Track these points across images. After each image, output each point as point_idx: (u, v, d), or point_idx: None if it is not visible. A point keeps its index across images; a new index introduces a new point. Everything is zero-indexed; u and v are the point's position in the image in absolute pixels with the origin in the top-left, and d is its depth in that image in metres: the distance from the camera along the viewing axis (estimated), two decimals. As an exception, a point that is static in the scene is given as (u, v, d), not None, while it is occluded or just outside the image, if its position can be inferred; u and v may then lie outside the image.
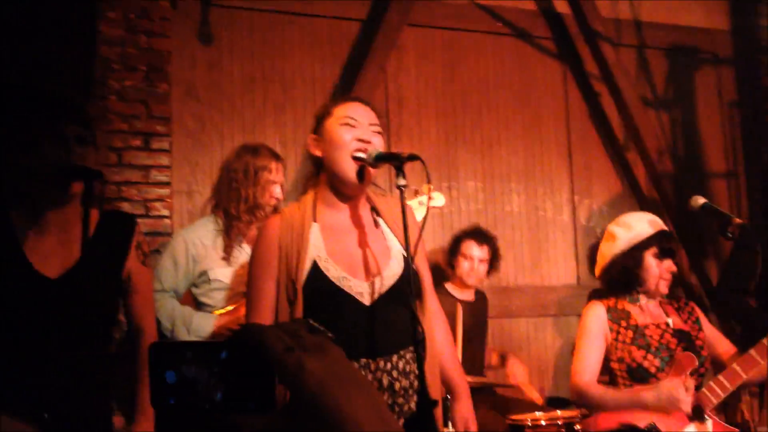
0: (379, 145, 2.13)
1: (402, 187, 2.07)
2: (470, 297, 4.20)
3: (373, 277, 2.10)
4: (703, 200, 2.82)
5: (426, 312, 2.21)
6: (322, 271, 2.05)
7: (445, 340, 2.33)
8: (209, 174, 4.04)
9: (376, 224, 2.22)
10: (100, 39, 3.90)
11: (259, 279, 2.10)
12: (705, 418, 2.77)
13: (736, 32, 5.51)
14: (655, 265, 2.91)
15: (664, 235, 2.97)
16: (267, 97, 4.39)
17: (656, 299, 2.99)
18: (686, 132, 5.24)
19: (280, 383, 0.73)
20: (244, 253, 3.07)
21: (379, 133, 2.16)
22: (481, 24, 4.90)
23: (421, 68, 4.76)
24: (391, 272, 2.12)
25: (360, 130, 2.12)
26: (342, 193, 2.17)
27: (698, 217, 2.93)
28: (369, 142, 2.10)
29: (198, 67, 4.26)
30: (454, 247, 4.18)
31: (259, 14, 4.42)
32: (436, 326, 2.27)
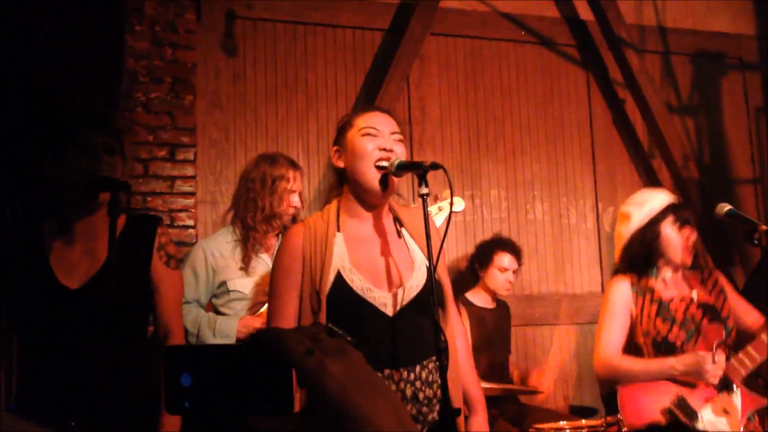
0: (401, 154, 2.13)
1: (425, 195, 2.08)
2: (491, 305, 4.20)
3: (397, 287, 2.11)
4: (729, 207, 2.79)
5: (448, 322, 2.21)
6: (347, 282, 2.06)
7: (464, 352, 2.32)
8: (233, 184, 4.07)
9: (399, 234, 2.22)
10: (127, 52, 3.96)
11: (282, 288, 2.11)
12: (734, 389, 2.76)
13: (763, 37, 5.45)
14: (675, 235, 2.91)
15: (678, 206, 2.99)
16: (290, 108, 4.42)
17: (679, 272, 2.96)
18: (712, 138, 5.20)
19: (300, 386, 0.73)
20: (262, 263, 3.09)
21: (401, 141, 2.17)
22: (503, 32, 4.90)
23: (444, 77, 4.77)
24: (415, 282, 2.13)
25: (382, 140, 2.12)
26: (366, 203, 2.17)
27: (724, 224, 2.91)
28: (391, 150, 2.11)
29: (222, 78, 4.31)
30: (486, 258, 4.16)
31: (283, 25, 4.47)
32: (457, 337, 2.27)
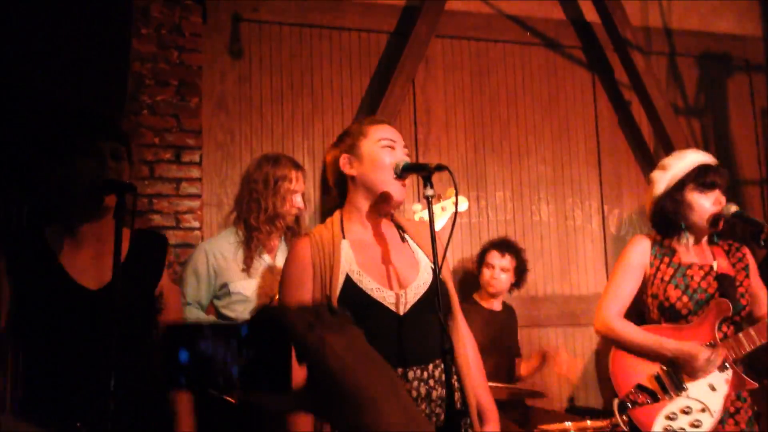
0: None
1: (430, 197, 2.11)
2: (496, 307, 4.20)
3: (404, 287, 2.14)
4: (735, 208, 2.78)
5: (455, 327, 2.23)
6: (356, 284, 2.09)
7: (474, 361, 2.33)
8: (239, 186, 4.09)
9: (403, 239, 2.27)
10: (133, 55, 3.98)
11: (293, 299, 2.13)
12: (726, 367, 2.75)
13: (769, 38, 5.44)
14: (699, 200, 2.81)
15: (702, 169, 2.84)
16: (296, 110, 4.43)
17: (704, 238, 2.88)
18: (718, 139, 5.18)
19: (300, 362, 0.73)
20: (264, 264, 3.09)
21: (408, 156, 2.25)
22: (509, 34, 4.90)
23: (450, 79, 4.77)
24: (421, 282, 2.16)
25: (398, 153, 2.20)
26: (375, 211, 2.22)
27: (731, 225, 2.87)
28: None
29: (228, 81, 4.32)
30: (480, 258, 4.22)
31: (289, 28, 4.48)
32: (464, 344, 2.29)
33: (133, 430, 2.17)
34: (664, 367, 2.74)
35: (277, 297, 2.40)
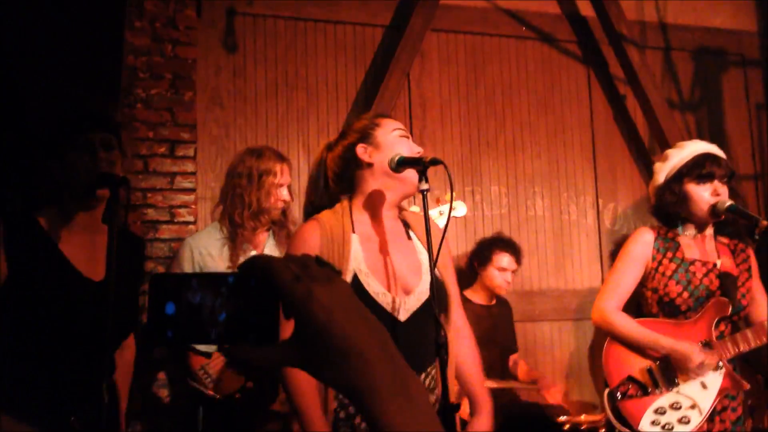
0: None
1: (425, 191, 2.10)
2: (490, 302, 4.20)
3: (407, 293, 2.14)
4: (730, 202, 2.77)
5: (450, 324, 2.23)
6: (363, 285, 2.08)
7: (471, 356, 2.33)
8: (224, 180, 4.07)
9: (408, 236, 2.26)
10: (127, 48, 3.95)
11: None
12: (720, 366, 2.74)
13: (764, 33, 5.43)
14: (696, 191, 2.76)
15: (700, 159, 2.78)
16: (291, 104, 4.41)
17: (707, 232, 2.83)
18: (713, 134, 5.18)
19: (287, 316, 0.72)
20: None
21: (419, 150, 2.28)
22: (504, 28, 4.89)
23: (445, 73, 4.76)
24: (424, 287, 2.15)
25: (412, 143, 2.25)
26: (388, 200, 2.20)
27: (726, 220, 2.84)
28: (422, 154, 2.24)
29: (223, 75, 4.30)
30: (485, 257, 4.14)
31: (284, 21, 4.46)
32: (461, 341, 2.29)
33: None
34: (658, 362, 2.73)
35: None
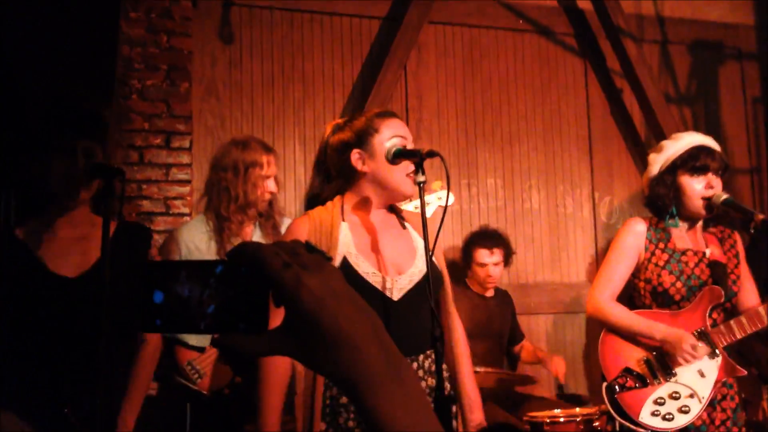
0: None
1: (422, 183, 2.11)
2: (488, 293, 4.20)
3: (400, 273, 2.16)
4: (726, 196, 2.77)
5: (445, 314, 2.24)
6: (353, 267, 2.10)
7: (463, 353, 2.34)
8: (208, 172, 4.06)
9: (403, 226, 2.28)
10: (122, 39, 3.94)
11: None
12: (716, 354, 2.74)
13: (761, 27, 5.43)
14: (690, 184, 2.75)
15: (695, 151, 2.77)
16: (287, 96, 4.40)
17: (698, 224, 2.83)
18: (709, 128, 5.17)
19: (276, 304, 0.71)
20: None
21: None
22: (501, 21, 4.88)
23: (442, 66, 4.75)
24: (417, 269, 2.18)
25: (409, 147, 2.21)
26: (379, 203, 2.23)
27: (721, 213, 2.84)
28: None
29: (218, 66, 4.29)
30: (467, 256, 4.18)
31: (280, 13, 4.44)
32: (456, 333, 2.30)
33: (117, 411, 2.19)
34: (654, 352, 2.74)
35: None
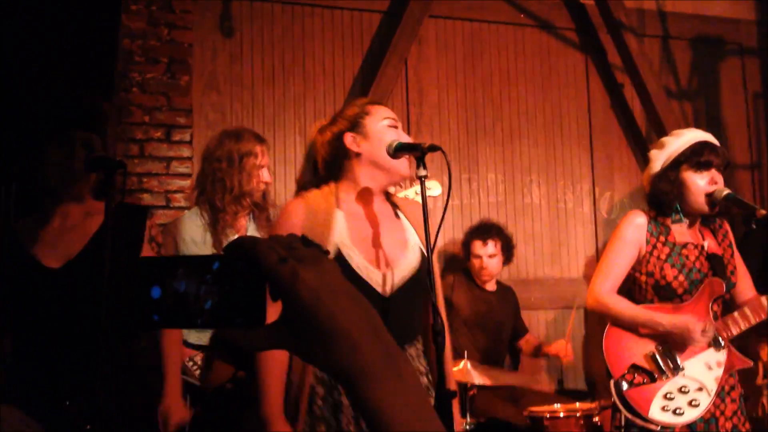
0: None
1: (423, 177, 2.11)
2: (489, 287, 4.21)
3: (391, 268, 2.15)
4: (728, 191, 2.76)
5: (428, 309, 2.24)
6: (346, 259, 2.09)
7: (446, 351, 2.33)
8: (200, 165, 4.05)
9: (396, 216, 2.28)
10: (123, 31, 3.93)
11: None
12: (722, 346, 2.72)
13: (762, 22, 5.42)
14: (693, 180, 2.73)
15: (698, 147, 2.75)
16: (287, 89, 4.39)
17: (697, 220, 2.81)
18: (710, 123, 5.18)
19: (273, 298, 0.71)
20: None
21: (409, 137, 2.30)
22: (502, 15, 4.87)
23: (443, 60, 4.74)
24: (408, 264, 2.17)
25: (401, 132, 2.24)
26: (374, 187, 2.23)
27: (722, 209, 2.83)
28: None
29: (219, 59, 4.28)
30: (466, 248, 4.22)
31: (281, 6, 4.43)
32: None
33: (118, 408, 2.18)
34: (660, 346, 2.72)
35: None
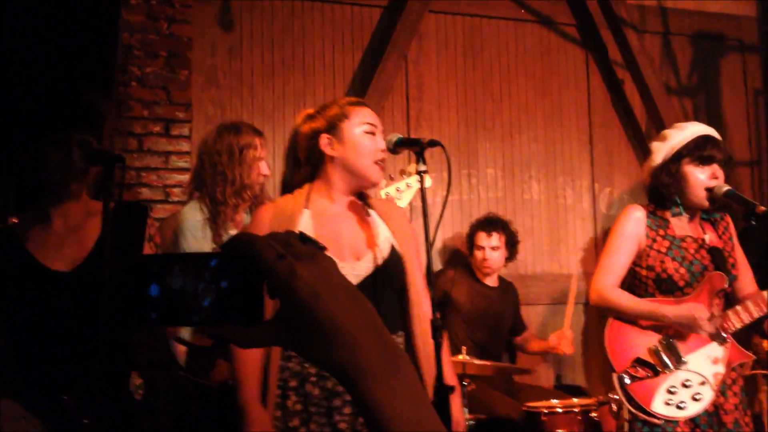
0: None
1: (423, 172, 2.13)
2: (490, 283, 4.21)
3: (358, 260, 2.17)
4: (727, 187, 2.76)
5: (409, 303, 2.23)
6: None
7: (424, 346, 2.30)
8: (197, 160, 4.04)
9: (368, 214, 2.29)
10: (123, 25, 3.92)
11: None
12: (725, 339, 2.72)
13: (763, 19, 5.42)
14: (694, 174, 2.73)
15: (701, 141, 2.75)
16: (287, 84, 4.39)
17: (697, 214, 2.81)
18: (710, 119, 5.14)
19: (271, 296, 0.71)
20: None
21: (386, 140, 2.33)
22: (503, 11, 4.86)
23: (443, 55, 4.74)
24: (378, 256, 2.19)
25: (379, 137, 2.26)
26: (347, 190, 2.26)
27: (722, 205, 2.83)
28: (385, 150, 2.27)
29: (219, 54, 4.27)
30: (470, 240, 4.23)
31: (281, 1, 4.43)
32: (421, 323, 2.26)
33: (117, 400, 2.18)
34: (663, 340, 2.71)
35: None
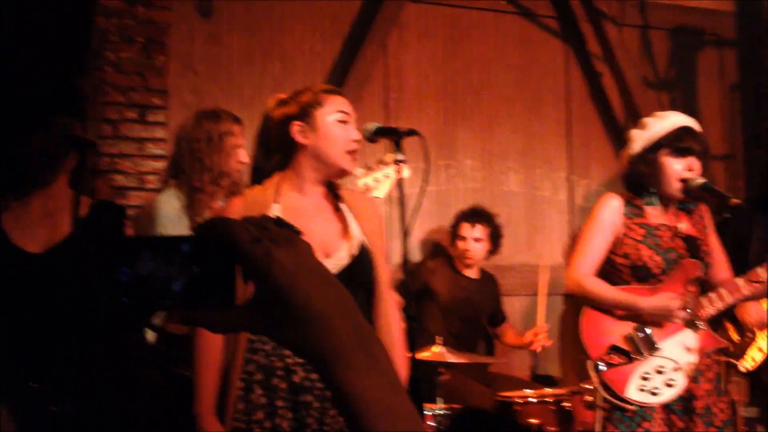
0: None
1: (400, 161, 2.12)
2: (471, 275, 4.22)
3: (328, 257, 2.15)
4: (703, 180, 2.79)
5: (377, 300, 2.22)
6: None
7: (393, 342, 2.29)
8: (174, 147, 4.00)
9: (338, 208, 2.26)
10: (98, 10, 3.86)
11: None
12: (698, 326, 2.75)
13: (740, 14, 5.46)
14: (671, 164, 2.75)
15: (680, 132, 2.79)
16: (266, 72, 4.35)
17: (671, 204, 2.83)
18: (686, 113, 5.09)
19: (246, 279, 0.70)
20: None
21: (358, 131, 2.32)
22: (484, 2, 4.85)
23: (422, 45, 4.72)
24: (345, 253, 2.18)
25: (352, 127, 2.24)
26: (318, 180, 2.23)
27: (697, 197, 2.85)
28: (358, 141, 2.24)
29: (196, 40, 4.22)
30: (453, 230, 4.22)
31: (260, -13, 4.39)
32: (388, 322, 2.25)
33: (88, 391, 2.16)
34: (637, 327, 2.73)
35: None
